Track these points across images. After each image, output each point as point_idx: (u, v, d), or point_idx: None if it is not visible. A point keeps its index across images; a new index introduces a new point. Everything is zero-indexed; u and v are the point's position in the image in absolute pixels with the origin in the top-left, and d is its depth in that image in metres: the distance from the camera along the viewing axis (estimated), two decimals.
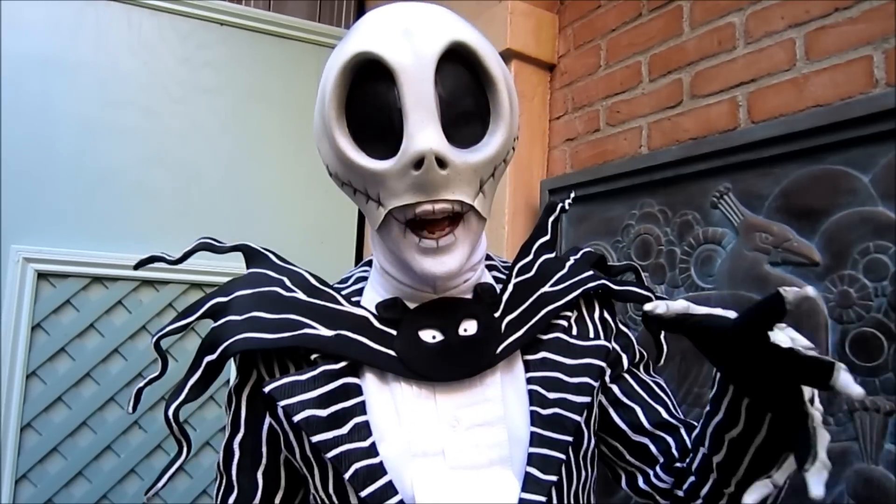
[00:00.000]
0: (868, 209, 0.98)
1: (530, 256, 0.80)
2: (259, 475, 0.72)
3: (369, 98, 0.62)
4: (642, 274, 0.89)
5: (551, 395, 0.68)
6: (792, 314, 0.54)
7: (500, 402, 0.68)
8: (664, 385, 0.82)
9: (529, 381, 0.69)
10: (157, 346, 0.72)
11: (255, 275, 0.74)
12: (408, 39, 0.60)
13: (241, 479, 0.72)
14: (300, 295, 0.71)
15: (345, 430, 0.64)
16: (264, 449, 0.72)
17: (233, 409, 0.74)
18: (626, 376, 0.79)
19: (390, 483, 0.62)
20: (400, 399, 0.67)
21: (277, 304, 0.70)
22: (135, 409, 0.71)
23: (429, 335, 0.68)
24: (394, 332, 0.69)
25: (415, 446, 0.65)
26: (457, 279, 0.71)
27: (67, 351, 1.88)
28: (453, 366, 0.67)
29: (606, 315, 0.80)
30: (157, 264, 0.77)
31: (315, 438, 0.64)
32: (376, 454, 0.64)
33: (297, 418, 0.64)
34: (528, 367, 0.70)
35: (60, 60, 1.94)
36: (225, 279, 0.74)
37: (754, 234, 1.13)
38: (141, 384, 0.71)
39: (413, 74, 0.59)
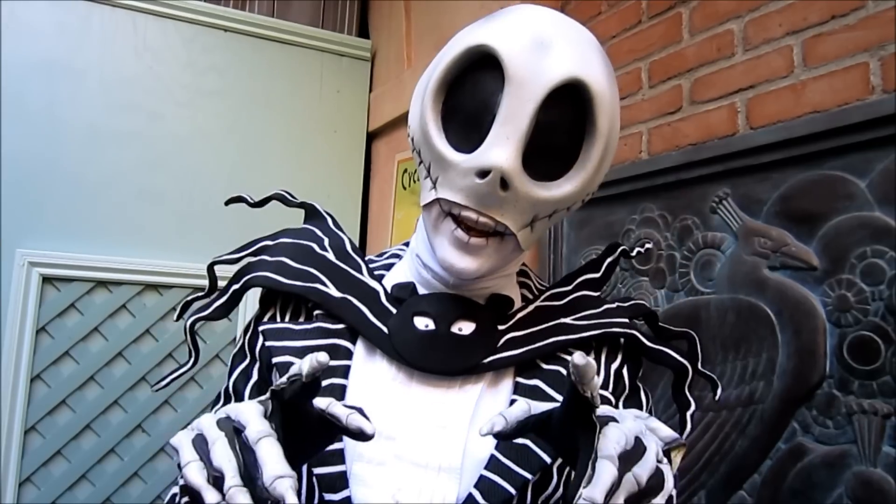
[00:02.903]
0: (865, 214, 0.99)
1: (569, 287, 0.77)
2: None
3: (475, 89, 0.61)
4: (698, 344, 0.78)
5: None
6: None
7: (469, 412, 0.65)
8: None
9: (512, 403, 0.65)
10: (210, 268, 0.78)
11: (304, 229, 0.80)
12: (537, 53, 0.58)
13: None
14: (330, 255, 0.75)
15: None
16: (272, 379, 0.74)
17: (248, 336, 0.76)
18: None
19: (340, 452, 0.62)
20: (378, 375, 0.67)
21: (306, 256, 0.74)
22: (179, 317, 0.77)
23: (422, 322, 0.68)
24: (394, 311, 0.69)
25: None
26: (471, 282, 0.69)
27: (71, 354, 1.89)
28: (433, 357, 0.66)
29: (625, 371, 0.72)
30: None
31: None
32: None
33: (274, 360, 0.67)
34: (518, 390, 0.67)
35: (66, 65, 1.96)
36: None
37: (753, 238, 1.14)
38: (189, 297, 0.78)
39: (522, 89, 0.57)
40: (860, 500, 0.95)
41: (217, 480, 0.45)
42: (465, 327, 0.68)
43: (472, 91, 0.62)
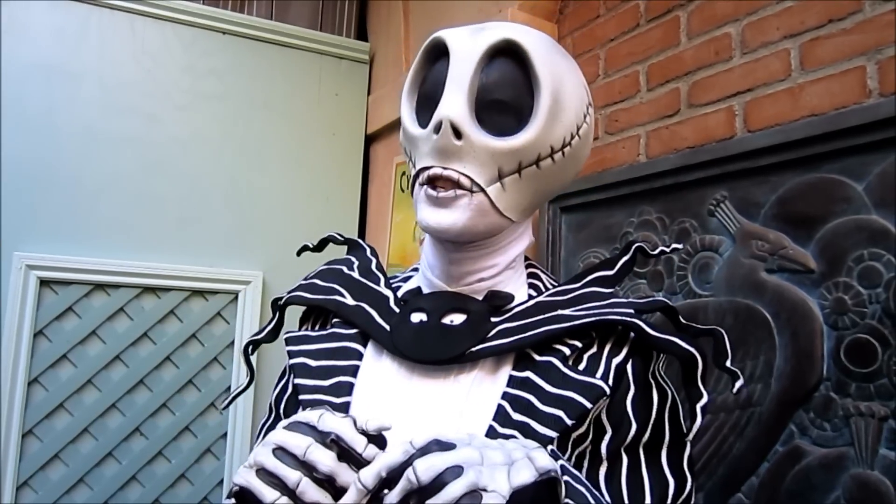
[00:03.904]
0: (862, 217, 0.99)
1: (578, 284, 0.76)
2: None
3: (432, 75, 0.71)
4: (727, 341, 0.71)
5: (515, 416, 0.64)
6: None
7: (461, 402, 0.67)
8: (666, 482, 0.68)
9: (504, 395, 0.66)
10: (274, 303, 0.84)
11: (345, 258, 0.87)
12: (474, 33, 0.69)
13: (288, 412, 0.80)
14: (354, 273, 0.82)
15: (327, 382, 0.71)
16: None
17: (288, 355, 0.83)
18: (624, 456, 0.68)
19: None
20: (383, 372, 0.71)
21: (334, 276, 0.82)
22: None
23: (417, 317, 0.72)
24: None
25: (372, 415, 0.65)
26: (464, 266, 0.72)
27: (69, 358, 1.89)
28: (423, 347, 0.69)
29: (629, 367, 0.69)
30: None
31: (297, 380, 0.72)
32: (345, 412, 0.67)
33: (291, 361, 0.74)
34: (510, 382, 0.67)
35: (64, 68, 1.96)
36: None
37: (751, 241, 1.14)
38: (252, 338, 0.84)
39: (461, 56, 0.66)
40: (857, 503, 0.95)
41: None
42: (456, 319, 0.71)
43: (430, 78, 0.71)
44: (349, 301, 0.77)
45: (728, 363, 0.70)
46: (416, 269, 0.84)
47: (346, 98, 2.37)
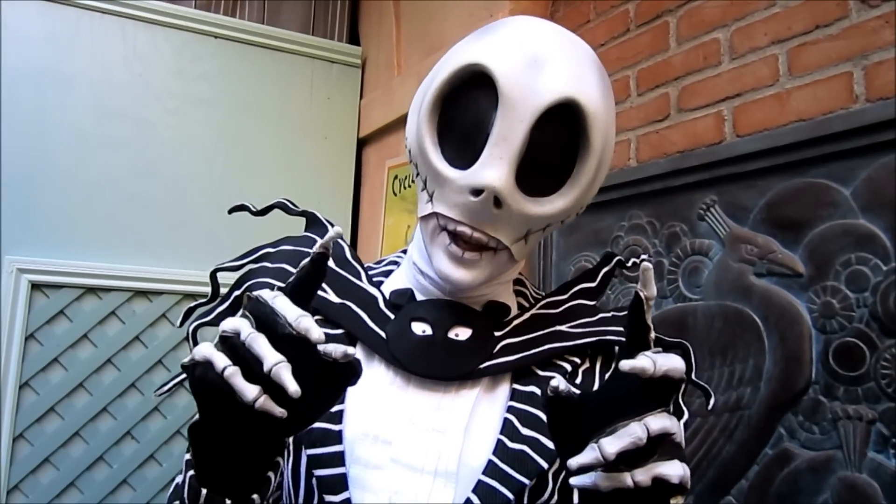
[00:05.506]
0: (849, 221, 1.00)
1: (565, 296, 0.78)
2: None
3: (469, 106, 0.63)
4: (692, 355, 0.77)
5: (524, 431, 0.65)
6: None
7: (465, 416, 0.66)
8: None
9: (510, 409, 0.66)
10: (213, 275, 0.76)
11: (305, 236, 0.80)
12: (530, 71, 0.59)
13: None
14: (330, 262, 0.74)
15: None
16: None
17: None
18: None
19: (340, 455, 0.63)
20: (376, 380, 0.68)
21: None
22: (182, 323, 0.76)
23: (419, 328, 0.69)
24: (392, 317, 0.70)
25: (369, 428, 0.65)
26: (468, 291, 0.70)
27: (60, 361, 1.88)
28: (430, 363, 0.67)
29: None
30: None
31: None
32: (339, 422, 0.65)
33: None
34: (514, 396, 0.67)
35: (55, 73, 1.96)
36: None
37: (740, 245, 1.15)
38: (193, 304, 0.76)
39: (516, 109, 0.59)
40: None
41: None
42: (461, 333, 0.69)
43: (466, 108, 0.63)
44: (332, 298, 0.72)
45: (692, 376, 0.75)
46: (395, 263, 0.80)
47: (338, 102, 2.37)
